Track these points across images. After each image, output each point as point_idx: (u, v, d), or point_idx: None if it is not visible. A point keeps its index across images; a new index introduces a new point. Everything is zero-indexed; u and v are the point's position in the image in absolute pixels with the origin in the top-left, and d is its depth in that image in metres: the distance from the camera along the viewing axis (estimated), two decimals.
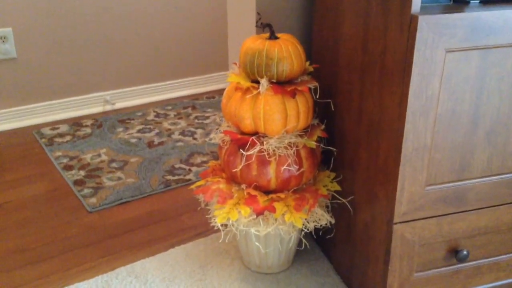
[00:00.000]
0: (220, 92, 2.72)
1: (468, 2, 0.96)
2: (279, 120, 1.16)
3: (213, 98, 2.63)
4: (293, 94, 1.16)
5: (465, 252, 1.10)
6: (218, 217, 1.18)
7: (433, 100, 0.94)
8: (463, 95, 0.96)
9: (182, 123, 2.31)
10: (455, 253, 1.11)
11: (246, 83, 1.18)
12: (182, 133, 2.21)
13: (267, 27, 1.17)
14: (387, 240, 1.07)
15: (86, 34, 2.35)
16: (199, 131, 2.23)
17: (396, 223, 1.04)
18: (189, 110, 2.47)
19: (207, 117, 2.38)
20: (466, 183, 1.04)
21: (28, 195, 1.75)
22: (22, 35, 2.21)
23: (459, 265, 1.14)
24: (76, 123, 2.31)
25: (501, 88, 0.97)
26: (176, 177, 1.85)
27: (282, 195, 1.20)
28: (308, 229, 1.22)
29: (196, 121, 2.34)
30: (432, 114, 0.95)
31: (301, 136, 1.21)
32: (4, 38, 2.17)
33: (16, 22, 2.18)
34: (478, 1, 0.96)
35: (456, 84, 0.94)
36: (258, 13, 1.25)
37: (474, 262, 1.15)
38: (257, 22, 1.19)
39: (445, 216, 1.06)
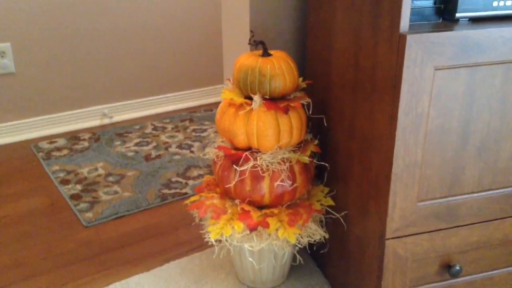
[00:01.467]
0: (218, 105, 2.73)
1: (458, 20, 0.97)
2: (272, 136, 1.17)
3: (211, 111, 2.64)
4: (286, 110, 1.17)
5: (457, 268, 1.10)
6: (212, 232, 1.18)
7: (423, 117, 0.95)
8: (453, 111, 0.97)
9: (180, 136, 2.32)
10: (448, 269, 1.11)
11: (239, 99, 1.19)
12: (180, 146, 2.22)
13: (260, 45, 1.18)
14: (379, 255, 1.07)
15: (83, 49, 2.37)
16: (196, 144, 2.24)
17: (388, 239, 1.04)
18: (187, 123, 2.48)
19: (205, 130, 2.39)
20: (458, 198, 1.05)
21: (25, 210, 1.75)
22: (20, 50, 2.23)
23: (452, 281, 1.14)
24: (73, 136, 2.32)
25: (490, 105, 0.98)
26: (173, 191, 1.86)
27: (275, 211, 1.21)
28: (302, 245, 1.22)
29: (194, 134, 2.35)
30: (422, 131, 0.96)
31: (294, 151, 1.22)
32: (3, 53, 2.19)
33: (15, 37, 2.20)
34: (467, 19, 0.97)
35: (445, 101, 0.95)
36: (251, 31, 1.27)
37: (467, 277, 1.15)
38: (250, 39, 1.21)
39: (437, 231, 1.07)
